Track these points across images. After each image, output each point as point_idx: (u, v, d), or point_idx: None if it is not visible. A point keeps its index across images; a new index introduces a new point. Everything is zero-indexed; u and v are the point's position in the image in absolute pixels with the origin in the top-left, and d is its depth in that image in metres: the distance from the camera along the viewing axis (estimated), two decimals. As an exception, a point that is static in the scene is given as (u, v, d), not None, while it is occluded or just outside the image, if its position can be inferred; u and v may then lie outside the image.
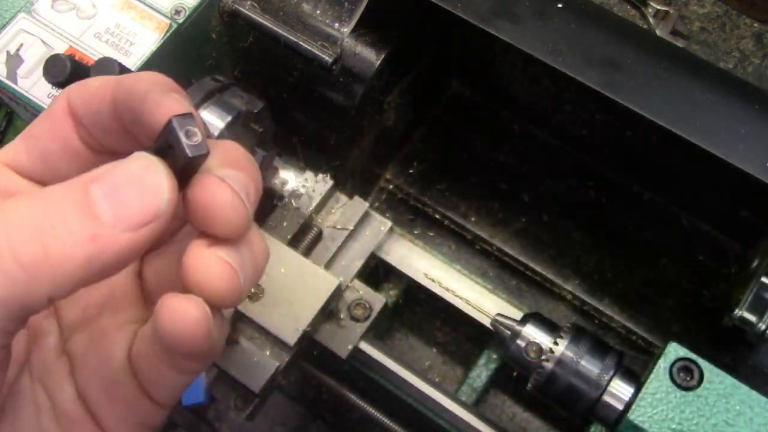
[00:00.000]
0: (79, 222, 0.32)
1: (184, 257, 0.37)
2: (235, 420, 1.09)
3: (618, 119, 0.85)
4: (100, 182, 0.34)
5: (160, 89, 0.38)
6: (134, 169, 0.34)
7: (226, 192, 0.36)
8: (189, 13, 0.72)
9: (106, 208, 0.33)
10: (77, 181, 0.35)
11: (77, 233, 0.32)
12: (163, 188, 0.34)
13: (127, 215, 0.33)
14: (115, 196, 0.33)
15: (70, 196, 0.33)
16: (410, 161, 0.98)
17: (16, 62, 0.70)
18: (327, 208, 0.78)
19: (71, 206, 0.33)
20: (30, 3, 0.72)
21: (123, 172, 0.34)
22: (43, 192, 0.34)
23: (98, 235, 0.33)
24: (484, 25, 0.68)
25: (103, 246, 0.33)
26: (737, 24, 1.17)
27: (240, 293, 0.37)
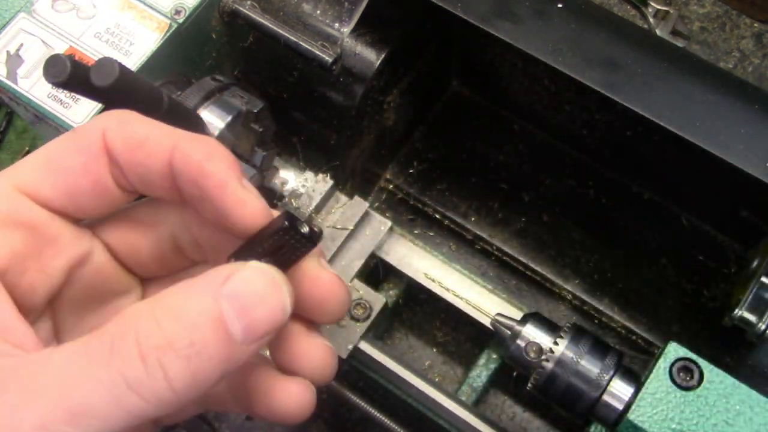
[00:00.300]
0: (218, 345, 0.34)
1: (292, 344, 0.41)
2: (235, 420, 1.09)
3: (618, 119, 0.85)
4: (231, 299, 0.34)
5: (236, 177, 0.39)
6: (260, 287, 0.36)
7: (342, 289, 0.42)
8: (189, 13, 0.72)
9: (238, 328, 0.34)
10: (207, 292, 0.35)
11: (217, 356, 0.34)
12: (286, 305, 0.36)
13: (256, 332, 0.35)
14: (246, 316, 0.35)
15: (205, 314, 0.34)
16: (410, 161, 0.98)
17: (16, 62, 0.70)
18: (327, 208, 0.78)
19: (210, 328, 0.34)
20: (30, 3, 0.72)
21: (250, 289, 0.35)
22: (177, 309, 0.34)
23: (232, 353, 0.34)
24: (484, 25, 0.68)
25: (235, 360, 0.35)
26: (737, 24, 1.17)
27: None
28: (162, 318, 0.33)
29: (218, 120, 0.67)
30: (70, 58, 0.47)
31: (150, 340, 0.32)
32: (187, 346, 0.32)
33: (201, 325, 0.33)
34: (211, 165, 0.39)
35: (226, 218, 0.39)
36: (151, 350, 0.32)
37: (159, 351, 0.32)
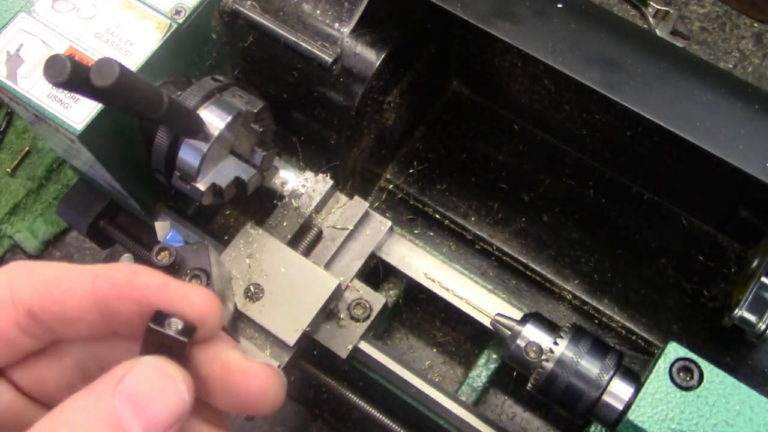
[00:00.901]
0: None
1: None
2: (235, 420, 1.09)
3: (618, 119, 0.85)
4: (125, 399, 0.35)
5: (170, 278, 0.39)
6: (151, 382, 0.36)
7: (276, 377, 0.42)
8: (189, 13, 0.72)
9: (137, 426, 0.35)
10: (101, 396, 0.35)
11: None
12: (184, 393, 0.36)
13: (157, 427, 0.35)
14: (142, 413, 0.35)
15: (101, 419, 0.34)
16: (410, 161, 0.98)
17: (16, 62, 0.70)
18: (327, 208, 0.78)
19: (106, 429, 0.34)
20: (30, 3, 0.72)
21: (142, 386, 0.36)
22: (73, 420, 0.35)
23: None
24: (484, 25, 0.68)
25: None
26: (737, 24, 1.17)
27: None
28: (59, 431, 0.34)
29: (218, 120, 0.67)
30: (70, 58, 0.47)
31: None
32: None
33: (96, 430, 0.34)
34: (140, 277, 0.39)
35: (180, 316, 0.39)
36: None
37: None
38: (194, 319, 0.39)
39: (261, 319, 0.70)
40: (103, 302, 0.39)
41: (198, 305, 0.39)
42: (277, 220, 0.76)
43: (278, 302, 0.71)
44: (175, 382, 0.36)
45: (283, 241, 0.74)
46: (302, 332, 0.70)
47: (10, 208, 1.27)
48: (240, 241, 0.74)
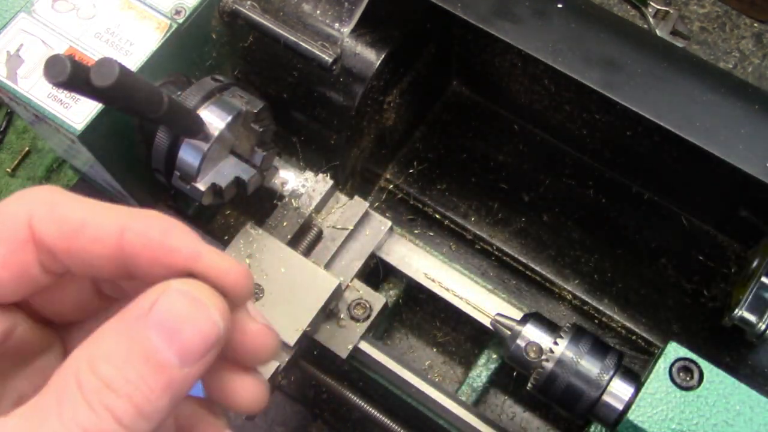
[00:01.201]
0: (155, 377, 0.34)
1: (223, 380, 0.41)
2: (235, 420, 1.09)
3: (618, 119, 0.85)
4: (158, 328, 0.34)
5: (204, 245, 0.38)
6: (183, 309, 0.35)
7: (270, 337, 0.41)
8: (189, 13, 0.72)
9: (171, 355, 0.34)
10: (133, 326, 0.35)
11: (157, 387, 0.34)
12: (217, 318, 0.36)
13: (192, 354, 0.35)
14: (176, 341, 0.35)
15: (134, 349, 0.34)
16: (410, 161, 0.98)
17: (16, 62, 0.70)
18: (327, 208, 0.78)
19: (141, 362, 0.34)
20: (30, 3, 0.72)
21: (174, 313, 0.35)
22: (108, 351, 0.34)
23: (172, 379, 0.35)
24: (484, 25, 0.68)
25: (179, 384, 0.35)
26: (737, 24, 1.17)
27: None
28: (96, 362, 0.34)
29: (218, 120, 0.67)
30: (70, 58, 0.47)
31: (90, 385, 0.33)
32: (123, 385, 0.33)
33: (132, 361, 0.34)
34: (174, 240, 0.37)
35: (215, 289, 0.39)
36: (93, 395, 0.33)
37: (100, 394, 0.33)
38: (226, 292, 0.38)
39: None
40: (131, 258, 0.38)
41: (231, 280, 0.38)
42: (277, 220, 0.76)
43: (278, 302, 0.71)
44: (207, 308, 0.36)
45: (283, 241, 0.74)
46: (302, 332, 0.70)
47: (10, 208, 1.27)
48: (240, 241, 0.74)
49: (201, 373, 0.36)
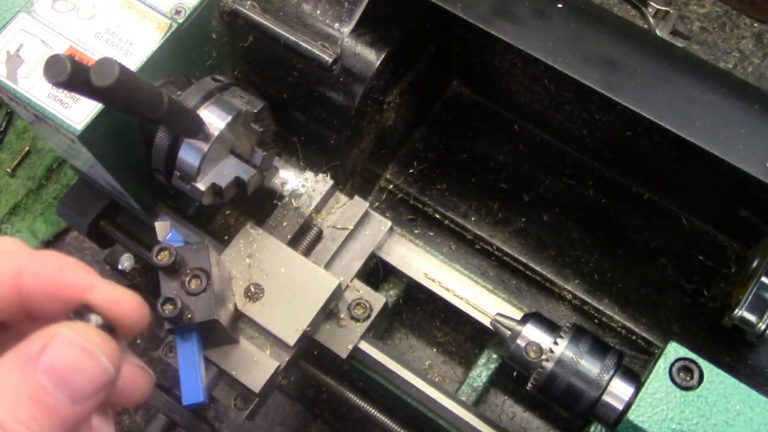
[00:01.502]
0: (46, 417, 0.35)
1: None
2: (235, 420, 1.09)
3: (618, 119, 0.85)
4: (48, 373, 0.35)
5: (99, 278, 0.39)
6: (73, 358, 0.36)
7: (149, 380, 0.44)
8: (189, 13, 0.72)
9: (62, 397, 0.35)
10: (24, 369, 0.35)
11: (47, 426, 0.35)
12: (107, 365, 0.37)
13: (83, 395, 0.36)
14: (66, 386, 0.35)
15: (24, 392, 0.35)
16: (410, 161, 0.98)
17: (16, 62, 0.70)
18: (327, 207, 0.78)
19: (32, 405, 0.35)
20: (30, 3, 0.72)
21: (64, 361, 0.36)
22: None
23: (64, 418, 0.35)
24: (484, 25, 0.68)
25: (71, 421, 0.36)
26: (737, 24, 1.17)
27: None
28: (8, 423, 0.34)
29: (218, 120, 0.67)
30: (70, 58, 0.47)
31: None
32: (15, 426, 0.34)
33: (22, 402, 0.34)
34: (68, 275, 0.38)
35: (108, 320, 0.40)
36: None
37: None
38: (117, 323, 0.39)
39: (261, 319, 0.70)
40: (27, 296, 0.39)
41: (125, 310, 0.39)
42: (277, 220, 0.76)
43: (278, 302, 0.71)
44: (96, 355, 0.36)
45: (283, 241, 0.74)
46: (302, 332, 0.70)
47: (10, 208, 1.27)
48: (240, 241, 0.74)
49: (95, 407, 0.37)
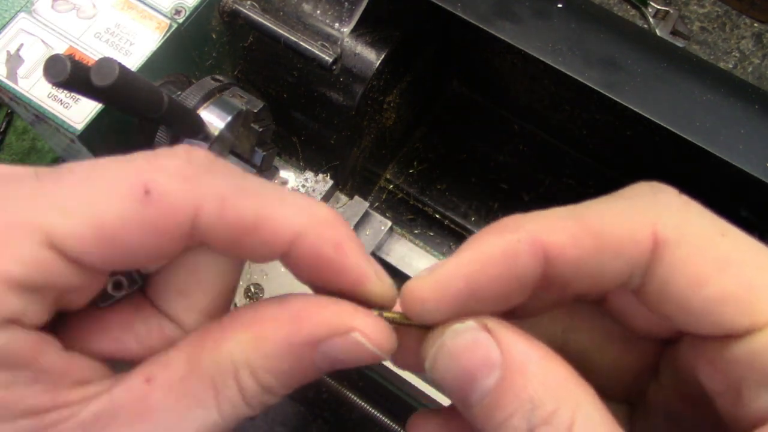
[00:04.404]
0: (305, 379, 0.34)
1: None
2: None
3: (618, 119, 0.85)
4: (324, 360, 0.34)
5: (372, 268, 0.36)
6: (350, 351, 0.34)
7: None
8: (189, 13, 0.72)
9: (325, 366, 0.34)
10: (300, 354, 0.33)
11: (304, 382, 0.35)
12: (380, 354, 0.34)
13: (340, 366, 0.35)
14: (338, 366, 0.34)
15: (299, 367, 0.34)
16: (410, 161, 0.98)
17: (16, 62, 0.70)
18: (327, 208, 0.78)
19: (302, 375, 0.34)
20: (30, 3, 0.72)
21: (342, 354, 0.34)
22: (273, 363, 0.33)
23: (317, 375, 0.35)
24: (484, 25, 0.68)
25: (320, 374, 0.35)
26: (737, 24, 1.17)
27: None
28: (259, 373, 0.33)
29: (218, 120, 0.67)
30: (70, 58, 0.47)
31: (252, 391, 0.33)
32: (281, 389, 0.34)
33: (295, 377, 0.34)
34: (345, 258, 0.34)
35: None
36: (254, 399, 0.33)
37: (260, 397, 0.33)
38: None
39: (261, 319, 0.70)
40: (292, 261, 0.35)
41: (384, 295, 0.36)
42: (277, 220, 0.76)
43: (278, 302, 0.71)
44: (369, 350, 0.34)
45: (283, 241, 0.74)
46: (302, 332, 0.70)
47: (10, 208, 1.27)
48: (240, 241, 0.74)
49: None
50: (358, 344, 0.33)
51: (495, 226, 0.33)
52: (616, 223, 0.31)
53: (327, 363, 0.34)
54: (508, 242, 0.32)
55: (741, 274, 0.29)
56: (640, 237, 0.31)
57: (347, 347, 0.33)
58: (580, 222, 0.32)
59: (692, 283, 0.30)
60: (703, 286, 0.29)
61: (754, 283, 0.29)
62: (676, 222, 0.31)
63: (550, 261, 0.32)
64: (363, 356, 0.34)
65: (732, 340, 0.29)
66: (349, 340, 0.33)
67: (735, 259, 0.29)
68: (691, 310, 0.30)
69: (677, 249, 0.30)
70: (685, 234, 0.30)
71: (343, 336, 0.33)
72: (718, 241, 0.30)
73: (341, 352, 0.33)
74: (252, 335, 0.33)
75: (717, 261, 0.29)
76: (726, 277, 0.29)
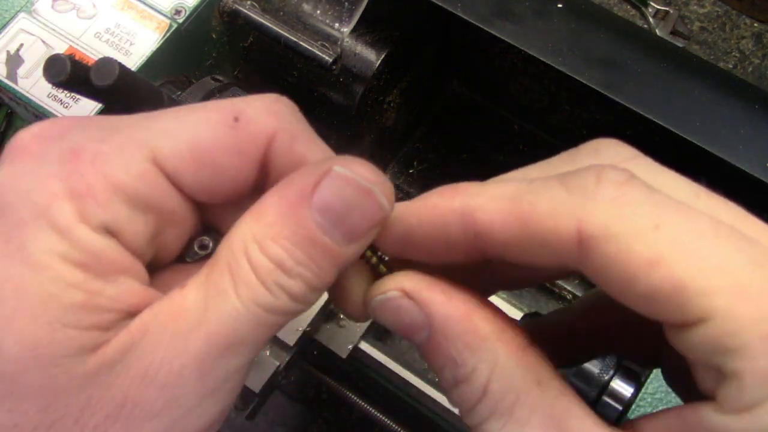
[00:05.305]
0: (322, 257, 0.34)
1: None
2: (235, 420, 1.09)
3: (618, 119, 0.85)
4: (322, 213, 0.34)
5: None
6: (348, 197, 0.34)
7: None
8: (189, 13, 0.72)
9: (338, 235, 0.34)
10: (297, 212, 0.34)
11: (324, 266, 0.34)
12: (384, 204, 0.35)
13: (357, 234, 0.35)
14: (342, 225, 0.34)
15: (302, 232, 0.34)
16: (410, 161, 0.98)
17: (16, 62, 0.70)
18: (327, 208, 0.78)
19: (310, 244, 0.34)
20: (30, 3, 0.72)
21: (340, 201, 0.34)
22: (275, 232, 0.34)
23: (339, 257, 0.35)
24: (484, 25, 0.68)
25: (344, 260, 0.35)
26: (737, 24, 1.17)
27: None
28: (266, 244, 0.34)
29: (218, 120, 0.67)
30: (70, 58, 0.47)
31: (263, 268, 0.33)
32: (294, 266, 0.34)
33: (300, 243, 0.34)
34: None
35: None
36: (268, 276, 0.33)
37: (274, 274, 0.33)
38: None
39: (261, 319, 0.70)
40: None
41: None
42: (277, 220, 0.76)
43: (278, 302, 0.71)
44: (373, 194, 0.34)
45: (283, 241, 0.74)
46: (302, 332, 0.70)
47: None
48: (240, 241, 0.74)
49: (366, 245, 0.36)
50: (344, 179, 0.34)
51: (443, 189, 0.36)
52: (545, 213, 0.32)
53: (326, 219, 0.34)
54: (442, 208, 0.35)
55: (670, 271, 0.28)
56: (564, 232, 0.31)
57: (333, 187, 0.34)
58: (512, 205, 0.33)
59: (623, 279, 0.30)
60: (632, 283, 0.29)
61: (683, 280, 0.28)
62: (603, 218, 0.30)
63: (479, 236, 0.33)
64: (352, 192, 0.34)
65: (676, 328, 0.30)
66: (332, 178, 0.34)
67: (666, 254, 0.29)
68: (630, 300, 0.30)
69: (605, 245, 0.30)
70: (612, 230, 0.30)
71: (327, 176, 0.34)
72: (650, 235, 0.29)
73: (330, 195, 0.34)
74: (254, 212, 0.34)
75: (645, 258, 0.29)
76: (654, 275, 0.29)
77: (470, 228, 0.34)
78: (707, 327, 0.28)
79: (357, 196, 0.34)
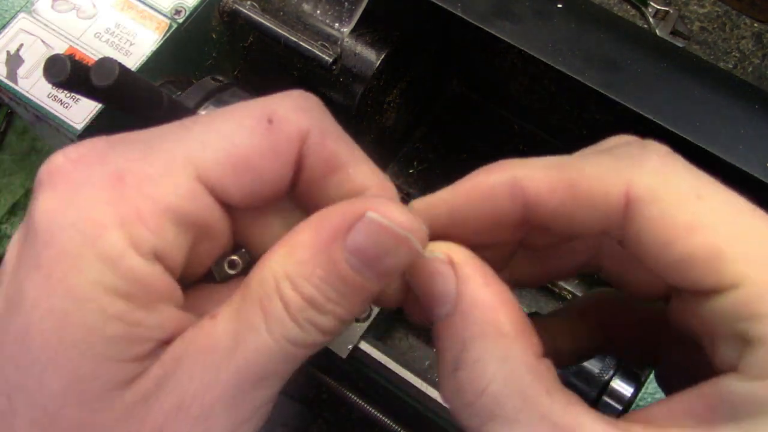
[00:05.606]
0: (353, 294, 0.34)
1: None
2: (235, 420, 1.09)
3: (618, 119, 0.85)
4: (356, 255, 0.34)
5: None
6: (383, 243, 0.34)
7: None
8: (189, 13, 0.72)
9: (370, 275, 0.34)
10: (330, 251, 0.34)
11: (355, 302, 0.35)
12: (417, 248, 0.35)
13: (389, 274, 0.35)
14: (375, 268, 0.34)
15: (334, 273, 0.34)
16: (410, 161, 0.98)
17: (16, 62, 0.70)
18: (327, 208, 0.78)
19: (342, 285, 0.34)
20: (30, 3, 0.72)
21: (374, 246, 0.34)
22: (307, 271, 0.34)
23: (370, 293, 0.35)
24: (484, 25, 0.68)
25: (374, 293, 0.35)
26: (737, 24, 1.17)
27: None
28: (297, 282, 0.34)
29: (218, 120, 0.67)
30: (70, 58, 0.47)
31: (295, 305, 0.33)
32: (326, 303, 0.34)
33: (332, 282, 0.34)
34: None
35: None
36: (299, 313, 0.33)
37: (306, 312, 0.33)
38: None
39: (261, 319, 0.70)
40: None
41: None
42: (277, 220, 0.76)
43: (278, 302, 0.71)
44: (408, 241, 0.34)
45: (283, 241, 0.74)
46: (302, 332, 0.70)
47: (9, 207, 1.27)
48: (240, 241, 0.74)
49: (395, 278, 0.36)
50: (376, 224, 0.33)
51: (487, 167, 0.37)
52: (594, 177, 0.33)
53: (359, 261, 0.33)
54: (491, 182, 0.35)
55: (708, 237, 0.30)
56: (613, 193, 0.32)
57: (368, 232, 0.33)
58: (560, 172, 0.34)
59: (662, 243, 0.31)
60: (671, 246, 0.30)
61: (720, 246, 0.30)
62: (650, 182, 0.31)
63: (528, 206, 0.34)
64: (387, 239, 0.33)
65: (703, 297, 0.31)
66: (366, 223, 0.33)
67: (706, 221, 0.30)
68: (664, 266, 0.31)
69: (649, 208, 0.31)
70: (658, 194, 0.31)
71: (362, 221, 0.33)
72: (692, 203, 0.31)
73: (364, 240, 0.33)
74: (287, 247, 0.34)
75: (686, 223, 0.30)
76: (693, 240, 0.30)
77: (519, 199, 0.34)
78: (737, 293, 0.29)
79: (392, 243, 0.34)
